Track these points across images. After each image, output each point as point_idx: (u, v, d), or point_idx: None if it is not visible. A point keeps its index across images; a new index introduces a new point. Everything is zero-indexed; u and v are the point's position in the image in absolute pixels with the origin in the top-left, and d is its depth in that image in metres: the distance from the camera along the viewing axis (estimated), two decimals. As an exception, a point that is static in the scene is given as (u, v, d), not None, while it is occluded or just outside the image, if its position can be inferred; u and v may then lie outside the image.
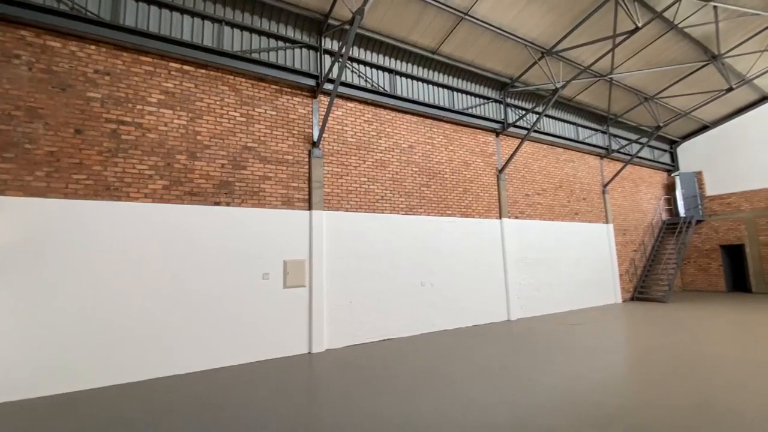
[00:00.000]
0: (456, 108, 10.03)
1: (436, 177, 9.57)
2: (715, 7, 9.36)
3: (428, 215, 9.24)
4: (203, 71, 6.83)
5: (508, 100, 11.26)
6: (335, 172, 8.00)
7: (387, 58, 8.96)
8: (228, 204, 6.72)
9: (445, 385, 5.01)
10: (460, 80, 10.24)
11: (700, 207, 15.68)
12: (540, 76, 10.88)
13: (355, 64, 8.47)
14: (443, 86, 9.87)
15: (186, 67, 6.68)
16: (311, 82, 7.75)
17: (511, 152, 10.90)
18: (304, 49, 7.87)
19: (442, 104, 9.77)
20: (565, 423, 3.75)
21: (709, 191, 15.94)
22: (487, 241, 10.20)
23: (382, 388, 4.98)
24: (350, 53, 8.38)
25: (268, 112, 7.38)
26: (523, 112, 11.33)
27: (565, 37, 9.38)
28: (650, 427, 3.59)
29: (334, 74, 7.98)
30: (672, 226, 15.61)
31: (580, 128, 13.32)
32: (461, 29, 8.79)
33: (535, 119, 10.70)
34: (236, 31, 7.14)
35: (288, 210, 7.28)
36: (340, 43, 7.46)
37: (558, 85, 9.59)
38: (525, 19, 8.80)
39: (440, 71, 9.84)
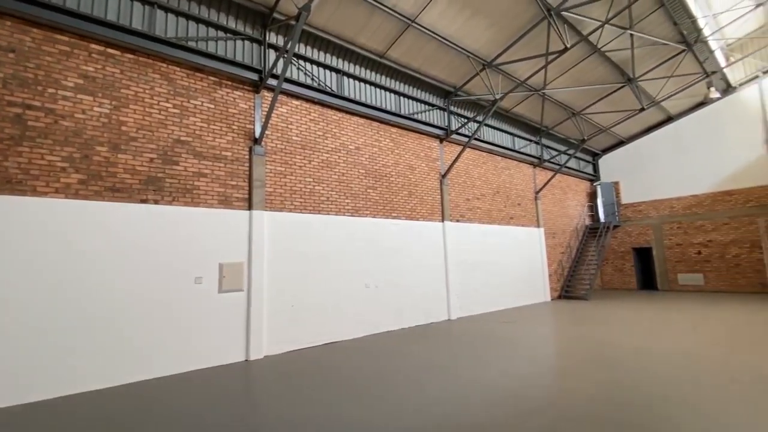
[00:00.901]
0: (402, 113, 10.20)
1: (382, 180, 9.64)
2: (631, 35, 10.51)
3: (374, 217, 9.27)
4: (131, 56, 6.25)
5: (452, 108, 11.69)
6: (278, 171, 7.74)
7: (334, 58, 8.87)
8: (157, 202, 6.20)
9: (384, 387, 5.04)
10: (406, 86, 10.43)
11: (616, 214, 17.48)
12: (481, 87, 11.44)
13: (301, 62, 8.28)
14: (390, 90, 9.99)
15: (111, 51, 6.07)
16: (254, 76, 7.44)
17: (454, 158, 11.32)
18: (246, 42, 7.53)
19: (388, 108, 9.88)
20: (501, 416, 3.94)
21: (625, 200, 17.84)
22: (430, 243, 10.48)
23: (318, 393, 4.88)
24: (296, 50, 8.18)
25: (205, 104, 6.94)
26: (465, 121, 11.82)
27: (504, 51, 9.96)
28: (571, 413, 3.89)
29: (279, 70, 7.73)
30: (593, 230, 17.21)
31: (516, 138, 14.21)
32: (408, 36, 8.97)
33: (476, 128, 11.24)
34: (170, 16, 6.63)
35: (225, 210, 6.89)
36: (286, 38, 7.24)
37: (497, 97, 10.15)
38: (468, 31, 9.20)
39: (387, 75, 9.95)
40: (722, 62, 13.64)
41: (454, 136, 11.45)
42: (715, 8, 11.90)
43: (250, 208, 7.17)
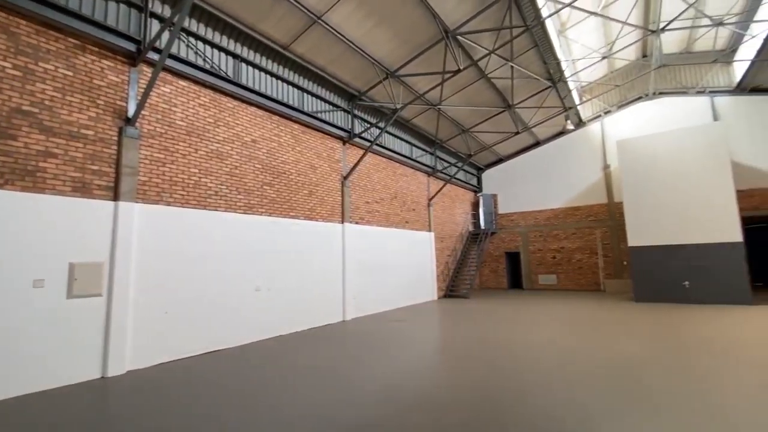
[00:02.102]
0: (306, 110, 9.94)
1: (281, 177, 9.23)
2: (512, 66, 12.03)
3: (270, 216, 8.81)
4: (-53, -7, 4.82)
5: (356, 112, 11.83)
6: (156, 158, 6.79)
7: (233, 41, 8.20)
8: (-21, 184, 4.88)
9: (263, 395, 4.78)
10: (311, 83, 10.21)
11: (494, 222, 19.81)
12: (384, 95, 11.83)
13: (191, 39, 7.44)
14: (294, 85, 9.65)
15: None
16: (130, 46, 6.41)
17: (356, 161, 11.46)
18: (123, 5, 6.46)
19: (291, 103, 9.53)
20: (383, 414, 4.05)
21: (501, 210, 20.32)
22: (328, 244, 10.39)
23: (181, 412, 4.40)
24: (186, 24, 7.33)
25: (60, 70, 5.72)
26: (368, 125, 12.09)
27: (406, 64, 10.46)
28: (446, 405, 4.22)
29: (164, 44, 6.82)
30: (475, 236, 19.21)
31: (414, 147, 15.06)
32: (315, 32, 8.78)
33: (378, 133, 11.57)
34: (13, -46, 5.31)
35: (82, 199, 5.76)
36: (174, 9, 6.40)
37: (398, 106, 10.60)
38: (374, 38, 9.43)
39: (292, 69, 9.60)
40: (577, 100, 16.57)
41: (356, 139, 11.59)
42: (574, 55, 14.41)
43: (116, 198, 6.13)
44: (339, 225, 10.90)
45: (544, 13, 10.15)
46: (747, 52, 13.59)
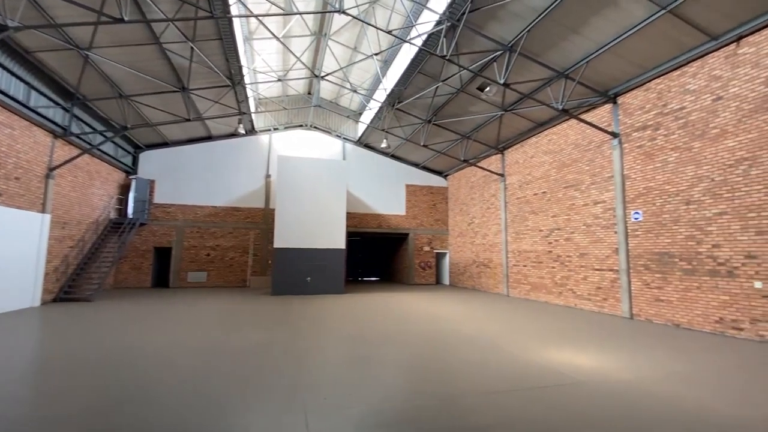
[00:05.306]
0: None
1: None
2: (192, 48, 11.16)
3: None
4: None
5: None
6: None
7: None
8: None
9: None
10: None
11: (146, 212, 17.30)
12: (-15, -4, 7.75)
13: None
14: None
15: None
16: None
17: None
18: None
19: None
20: None
21: (157, 199, 18.08)
22: None
23: None
24: None
25: None
26: (-62, 28, 7.47)
27: (37, -28, 7.40)
28: None
29: None
30: (118, 225, 15.96)
31: (35, 92, 10.76)
32: None
33: (-42, 48, 7.30)
34: None
35: None
36: None
37: (11, 24, 7.23)
38: None
39: None
40: (252, 108, 17.60)
41: None
42: (257, 66, 15.31)
43: None
44: None
45: (233, 11, 10.20)
46: (366, 117, 19.41)
